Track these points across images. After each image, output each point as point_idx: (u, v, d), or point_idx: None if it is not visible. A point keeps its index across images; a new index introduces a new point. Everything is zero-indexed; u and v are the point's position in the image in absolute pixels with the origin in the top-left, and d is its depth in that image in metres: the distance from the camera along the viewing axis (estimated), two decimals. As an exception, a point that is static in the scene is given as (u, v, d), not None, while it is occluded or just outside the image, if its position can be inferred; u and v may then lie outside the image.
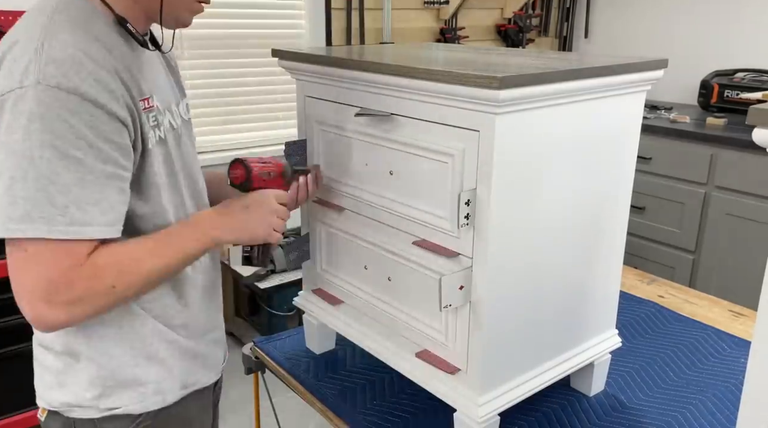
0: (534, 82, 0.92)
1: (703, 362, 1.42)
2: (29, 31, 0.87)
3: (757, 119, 0.66)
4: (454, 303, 1.03)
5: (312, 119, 1.26)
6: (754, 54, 3.08)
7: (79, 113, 0.83)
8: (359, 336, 1.27)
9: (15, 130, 0.82)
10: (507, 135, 0.93)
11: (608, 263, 1.22)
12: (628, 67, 1.06)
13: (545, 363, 1.15)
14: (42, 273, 0.85)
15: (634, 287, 1.78)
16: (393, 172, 1.11)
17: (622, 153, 1.16)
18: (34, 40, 0.85)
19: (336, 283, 1.31)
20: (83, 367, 0.99)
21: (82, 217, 0.85)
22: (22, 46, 0.85)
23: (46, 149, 0.82)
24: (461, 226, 0.99)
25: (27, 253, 0.84)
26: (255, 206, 1.03)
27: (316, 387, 1.32)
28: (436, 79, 0.95)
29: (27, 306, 0.86)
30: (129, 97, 0.90)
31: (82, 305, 0.88)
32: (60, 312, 0.86)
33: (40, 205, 0.83)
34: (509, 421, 1.18)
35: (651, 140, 2.83)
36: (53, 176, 0.83)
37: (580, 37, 3.85)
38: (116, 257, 0.89)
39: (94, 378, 0.99)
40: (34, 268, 0.85)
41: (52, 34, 0.86)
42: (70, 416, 1.01)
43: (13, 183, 0.83)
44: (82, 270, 0.86)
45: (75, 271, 0.86)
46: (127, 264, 0.90)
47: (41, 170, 0.82)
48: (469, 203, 0.97)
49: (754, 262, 2.54)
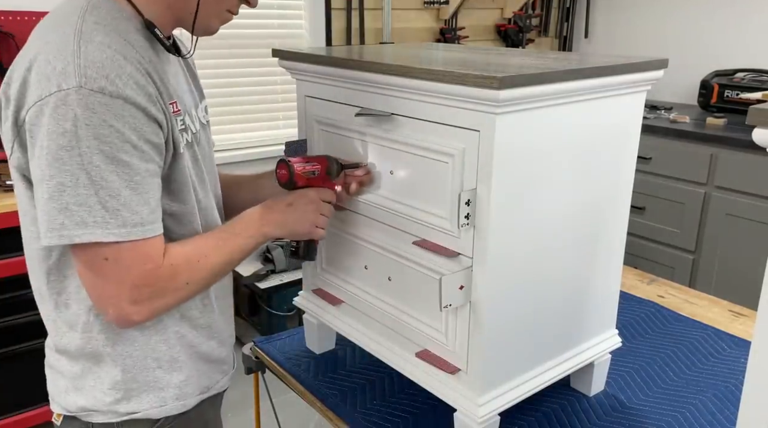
0: (534, 82, 0.92)
1: (703, 362, 1.42)
2: (61, 33, 0.86)
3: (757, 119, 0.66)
4: (454, 303, 1.03)
5: (312, 119, 1.26)
6: (754, 54, 3.08)
7: (123, 117, 0.84)
8: (359, 336, 1.27)
9: (59, 135, 0.82)
10: (507, 135, 0.93)
11: (608, 263, 1.22)
12: (628, 67, 1.06)
13: (545, 363, 1.15)
14: (124, 277, 0.88)
15: (634, 287, 1.78)
16: (393, 172, 1.11)
17: (623, 153, 1.16)
18: (69, 42, 0.84)
19: (336, 283, 1.31)
20: (106, 370, 0.99)
21: (135, 218, 0.86)
22: (56, 47, 0.84)
23: (95, 154, 0.83)
24: (461, 226, 0.99)
25: (107, 260, 0.87)
26: (298, 204, 1.07)
27: (316, 387, 1.32)
28: (436, 79, 0.95)
29: (112, 309, 0.90)
30: (161, 101, 0.91)
31: (164, 301, 0.93)
32: (144, 311, 0.91)
33: (94, 210, 0.84)
34: (509, 421, 1.18)
35: (651, 140, 2.83)
36: (103, 181, 0.84)
37: (580, 37, 3.85)
38: (187, 255, 0.94)
39: (117, 381, 0.99)
40: (115, 272, 0.88)
41: (87, 35, 0.85)
42: (87, 420, 1.00)
43: (63, 190, 0.83)
44: (161, 270, 0.90)
45: (155, 271, 0.90)
46: (197, 261, 0.95)
47: (92, 176, 0.83)
48: (469, 203, 0.97)
49: (754, 262, 2.54)
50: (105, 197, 0.84)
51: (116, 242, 0.86)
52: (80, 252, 0.87)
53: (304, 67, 1.22)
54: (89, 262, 0.88)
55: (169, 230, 0.97)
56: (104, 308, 0.91)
